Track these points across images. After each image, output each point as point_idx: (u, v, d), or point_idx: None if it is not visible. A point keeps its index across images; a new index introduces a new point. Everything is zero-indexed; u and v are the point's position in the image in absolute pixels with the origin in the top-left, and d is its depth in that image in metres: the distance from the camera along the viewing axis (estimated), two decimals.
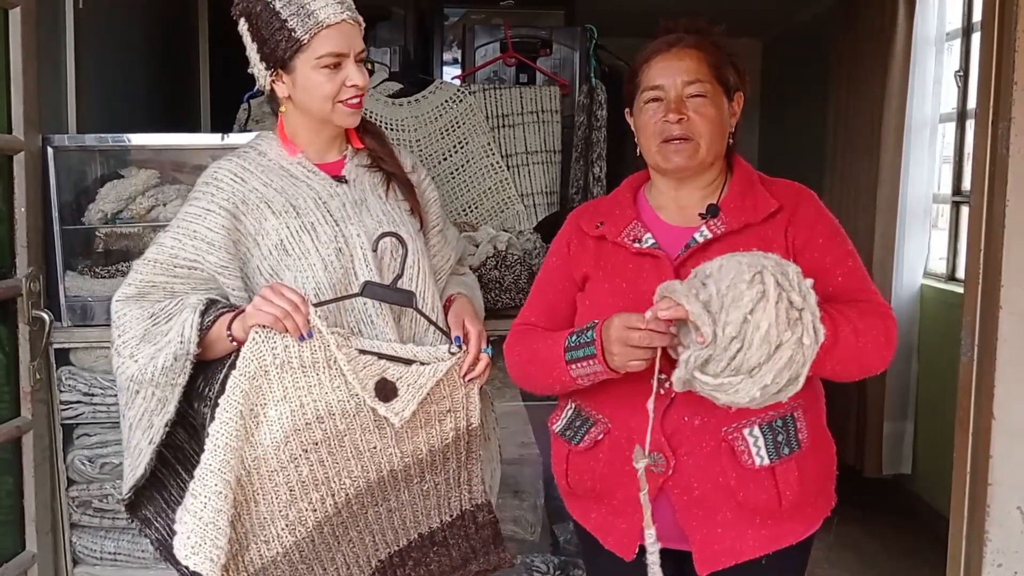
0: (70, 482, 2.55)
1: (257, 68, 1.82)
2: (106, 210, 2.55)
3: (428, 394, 1.77)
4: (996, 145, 1.94)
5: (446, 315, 1.95)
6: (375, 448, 1.76)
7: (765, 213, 1.73)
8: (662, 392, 1.64)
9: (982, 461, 2.00)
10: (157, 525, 1.83)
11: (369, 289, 1.77)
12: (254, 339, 1.66)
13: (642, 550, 1.64)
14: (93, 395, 2.51)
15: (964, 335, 2.08)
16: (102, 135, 2.60)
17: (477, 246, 2.74)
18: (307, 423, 1.70)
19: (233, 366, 1.67)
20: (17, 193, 2.36)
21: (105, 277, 2.54)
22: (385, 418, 1.74)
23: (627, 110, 1.84)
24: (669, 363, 1.62)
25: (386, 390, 1.74)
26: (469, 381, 1.83)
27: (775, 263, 1.47)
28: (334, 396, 1.71)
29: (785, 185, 1.82)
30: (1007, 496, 1.99)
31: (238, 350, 1.68)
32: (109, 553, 2.56)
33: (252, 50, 1.81)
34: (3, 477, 2.42)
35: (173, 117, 3.33)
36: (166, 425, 1.73)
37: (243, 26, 1.81)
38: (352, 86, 1.78)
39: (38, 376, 2.41)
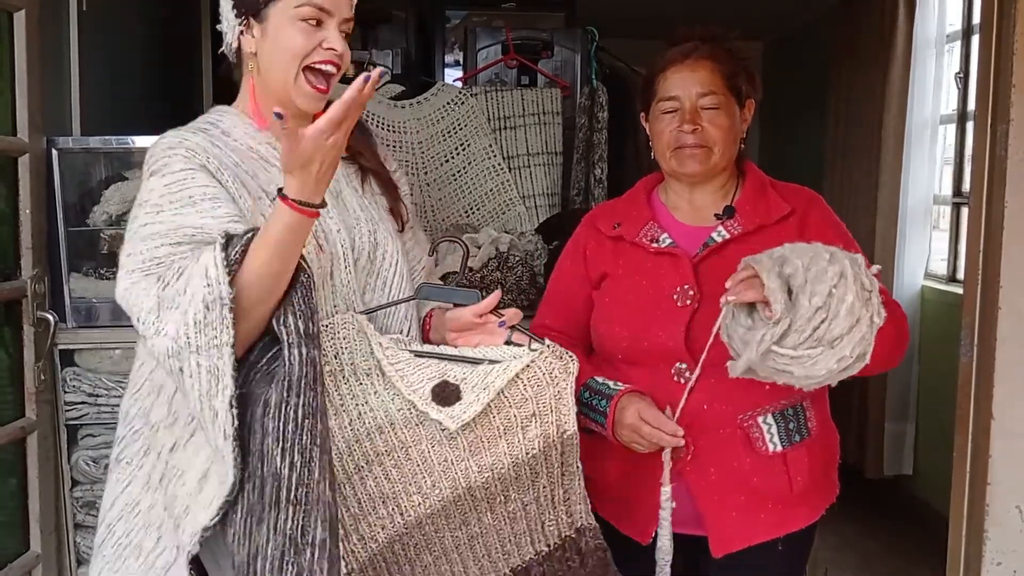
0: (74, 482, 2.55)
1: (226, 18, 1.59)
2: (110, 212, 2.55)
3: (506, 397, 1.54)
4: (995, 147, 1.96)
5: (427, 330, 1.75)
6: (446, 461, 1.55)
7: (778, 216, 1.82)
8: (681, 381, 1.74)
9: (981, 461, 2.02)
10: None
11: (426, 290, 1.66)
12: None
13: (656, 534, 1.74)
14: (97, 396, 2.52)
15: (963, 336, 2.10)
16: (106, 137, 2.60)
17: (479, 248, 2.75)
18: (368, 433, 1.54)
19: (312, 279, 1.42)
20: (22, 195, 2.36)
21: (110, 279, 2.54)
22: (441, 424, 1.53)
23: (643, 114, 1.91)
24: (689, 352, 1.72)
25: (446, 393, 1.53)
26: (501, 326, 1.60)
27: (841, 249, 1.54)
28: (392, 405, 1.54)
29: (795, 189, 1.90)
30: (1006, 495, 2.01)
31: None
32: None
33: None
34: (7, 478, 2.43)
35: (176, 119, 3.34)
36: (232, 406, 1.36)
37: None
38: (329, 48, 1.54)
39: (43, 377, 2.42)
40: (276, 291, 1.40)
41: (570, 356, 1.57)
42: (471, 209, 3.43)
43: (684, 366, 1.74)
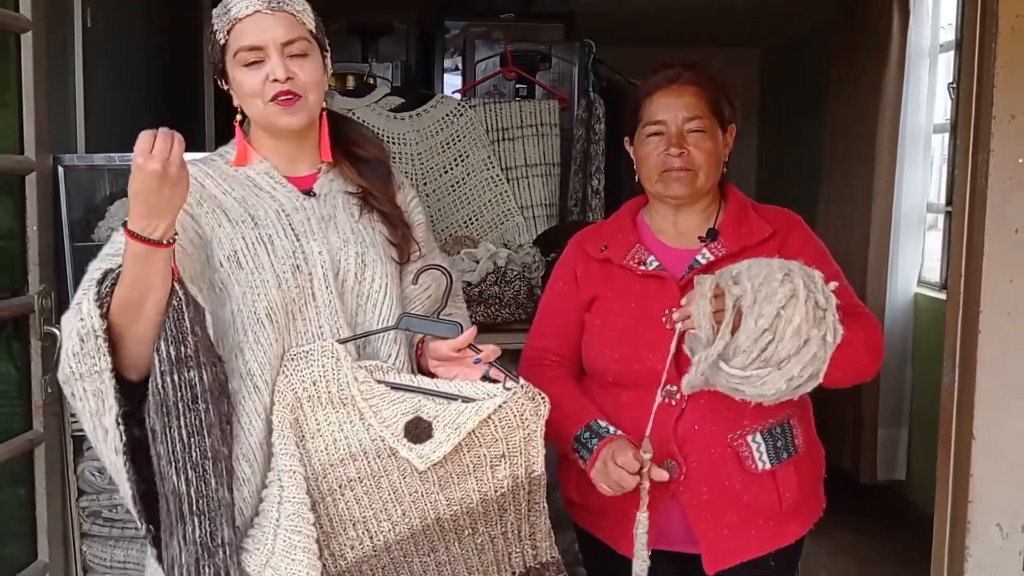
0: (80, 493, 2.59)
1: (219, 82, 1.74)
2: (115, 227, 2.58)
3: (476, 436, 1.58)
4: (976, 176, 2.00)
5: (419, 356, 1.77)
6: (416, 492, 1.60)
7: (760, 237, 1.86)
8: (672, 403, 1.79)
9: (963, 479, 2.07)
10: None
11: (406, 321, 1.67)
12: (285, 370, 1.58)
13: (655, 554, 1.76)
14: None
15: (946, 358, 2.15)
16: (110, 155, 2.64)
17: (477, 262, 2.79)
18: (341, 459, 1.59)
19: (191, 305, 1.47)
20: (29, 212, 2.38)
21: None
22: (410, 462, 1.58)
23: (627, 139, 1.94)
24: (679, 374, 1.73)
25: (418, 430, 1.57)
26: (476, 363, 1.64)
27: (799, 266, 1.58)
28: (367, 435, 1.59)
29: (776, 211, 1.94)
30: (987, 513, 2.06)
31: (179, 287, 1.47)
32: (119, 562, 2.60)
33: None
34: (15, 488, 2.46)
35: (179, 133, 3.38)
36: (118, 424, 1.46)
37: None
38: (274, 80, 1.61)
39: (49, 390, 2.43)
40: (144, 317, 1.46)
41: (542, 398, 1.61)
42: (470, 220, 3.47)
43: (674, 388, 1.77)
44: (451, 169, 3.48)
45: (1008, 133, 1.97)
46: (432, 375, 1.70)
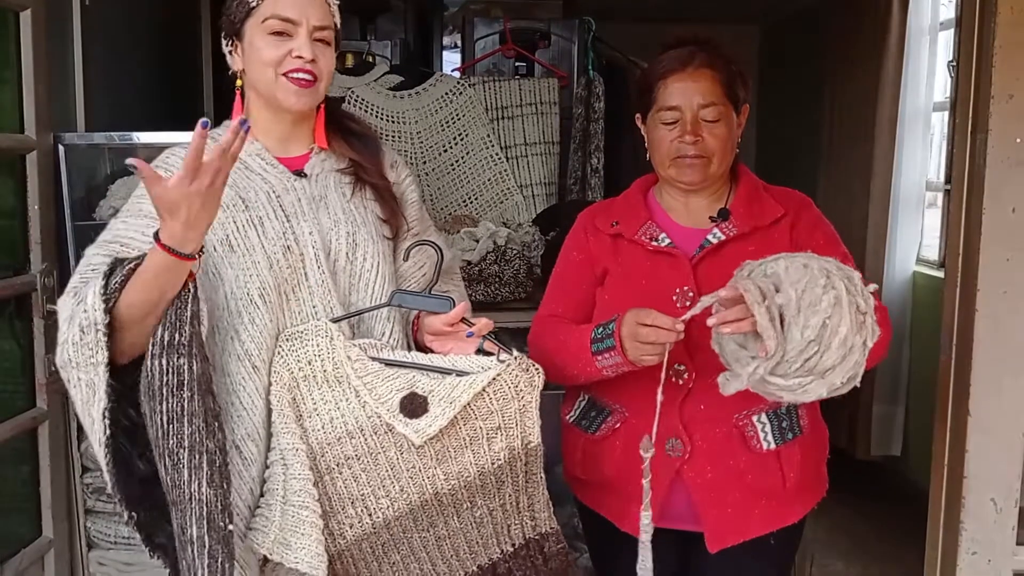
0: (84, 470, 2.61)
1: (223, 42, 1.72)
2: (117, 206, 2.59)
3: (472, 410, 1.59)
4: (974, 156, 2.01)
5: (415, 332, 1.79)
6: (414, 468, 1.61)
7: (771, 218, 1.86)
8: (679, 383, 1.79)
9: (958, 455, 2.09)
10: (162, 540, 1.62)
11: (399, 297, 1.68)
12: (280, 351, 1.59)
13: (658, 531, 1.75)
14: None
15: (943, 336, 2.17)
16: (110, 133, 2.66)
17: (477, 241, 2.81)
18: (338, 437, 1.60)
19: (196, 299, 1.49)
20: (30, 191, 2.41)
21: None
22: (405, 436, 1.59)
23: (638, 116, 1.92)
24: (687, 353, 1.76)
25: (414, 405, 1.58)
26: (469, 336, 1.65)
27: (837, 267, 1.53)
28: (363, 412, 1.59)
29: (787, 192, 1.94)
30: (982, 488, 2.08)
31: (193, 287, 1.48)
32: (123, 538, 2.63)
33: (221, 24, 1.71)
34: (20, 466, 2.50)
35: (177, 113, 3.38)
36: (104, 417, 1.48)
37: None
38: (298, 57, 1.62)
39: (52, 368, 2.43)
40: (152, 314, 1.47)
41: (536, 369, 1.61)
42: (469, 198, 3.49)
43: (683, 367, 1.78)
44: (451, 148, 3.49)
45: (1006, 113, 1.97)
46: (429, 350, 1.71)
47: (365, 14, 4.29)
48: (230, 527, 1.48)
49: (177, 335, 1.47)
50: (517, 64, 3.81)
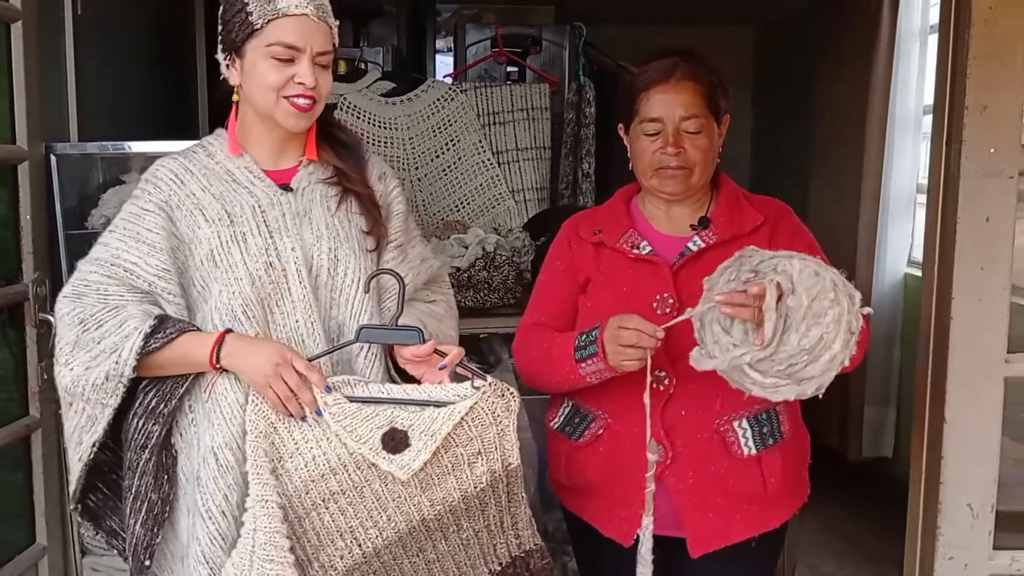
0: None
1: (219, 53, 1.74)
2: (109, 215, 2.60)
3: (452, 438, 1.63)
4: (949, 166, 2.04)
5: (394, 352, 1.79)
6: (400, 497, 1.65)
7: (751, 226, 1.88)
8: (660, 388, 1.81)
9: (935, 461, 2.12)
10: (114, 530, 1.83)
11: (365, 334, 1.68)
12: (253, 400, 1.61)
13: (639, 537, 1.78)
14: None
15: (920, 344, 2.20)
16: (103, 143, 2.67)
17: (466, 248, 2.83)
18: (322, 474, 1.63)
19: (193, 379, 1.66)
20: (22, 201, 2.41)
21: None
22: (392, 474, 1.62)
23: (621, 126, 1.95)
24: (668, 360, 1.78)
25: (395, 441, 1.61)
26: (441, 368, 1.69)
27: (843, 283, 1.56)
28: (345, 450, 1.63)
29: (767, 201, 1.96)
30: (958, 494, 2.12)
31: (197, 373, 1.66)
32: None
33: (219, 33, 1.74)
34: (14, 473, 2.51)
35: (171, 123, 3.40)
36: (94, 445, 1.66)
37: (220, 11, 1.74)
38: (300, 83, 1.66)
39: (45, 376, 2.46)
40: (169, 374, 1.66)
41: (511, 393, 1.66)
42: (461, 204, 3.50)
43: (664, 374, 1.81)
44: (442, 153, 3.51)
45: (979, 123, 2.01)
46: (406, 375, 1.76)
47: (358, 19, 4.31)
48: (147, 563, 1.68)
49: (164, 405, 1.64)
50: (509, 69, 3.83)
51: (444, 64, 4.22)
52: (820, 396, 1.57)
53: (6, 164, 2.40)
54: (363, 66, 3.67)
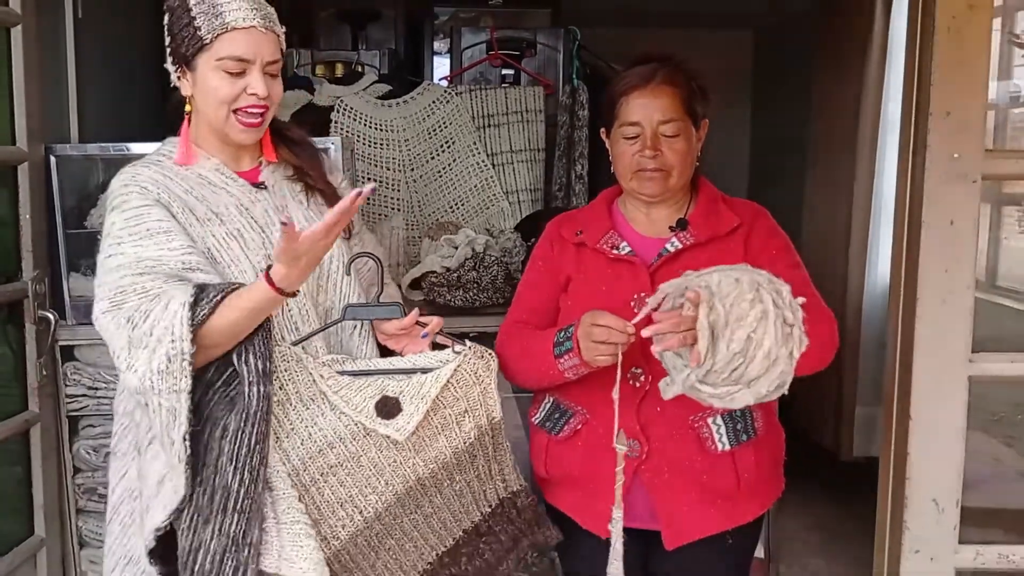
0: (76, 470, 2.68)
1: (169, 64, 1.77)
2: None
3: (440, 399, 1.75)
4: (915, 172, 2.09)
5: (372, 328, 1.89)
6: (395, 462, 1.74)
7: (728, 228, 1.93)
8: (636, 385, 1.86)
9: (901, 458, 2.17)
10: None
11: (351, 311, 1.81)
12: None
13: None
14: (97, 389, 2.64)
15: (888, 348, 2.25)
16: (103, 144, 2.71)
17: (456, 248, 2.87)
18: (319, 450, 1.69)
19: (272, 326, 1.61)
20: (22, 201, 2.47)
21: None
22: (389, 436, 1.71)
23: (603, 130, 2.00)
24: (644, 358, 1.81)
25: (388, 407, 1.71)
26: (424, 337, 1.79)
27: (768, 280, 1.60)
28: (339, 423, 1.70)
29: (743, 203, 2.02)
30: (924, 490, 2.16)
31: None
32: None
33: (167, 44, 1.77)
34: (13, 467, 2.56)
35: (169, 124, 3.44)
36: (184, 439, 1.56)
37: (165, 20, 1.78)
38: (252, 94, 1.70)
39: (44, 372, 2.54)
40: (237, 340, 1.59)
41: (490, 354, 1.79)
42: (455, 205, 3.56)
43: (640, 371, 1.86)
44: (438, 155, 3.56)
45: (944, 129, 2.05)
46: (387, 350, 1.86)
47: (355, 22, 4.36)
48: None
49: (268, 364, 1.60)
50: (504, 72, 3.87)
51: (441, 67, 4.27)
52: (786, 393, 1.62)
53: (6, 165, 2.45)
54: (360, 69, 3.72)
